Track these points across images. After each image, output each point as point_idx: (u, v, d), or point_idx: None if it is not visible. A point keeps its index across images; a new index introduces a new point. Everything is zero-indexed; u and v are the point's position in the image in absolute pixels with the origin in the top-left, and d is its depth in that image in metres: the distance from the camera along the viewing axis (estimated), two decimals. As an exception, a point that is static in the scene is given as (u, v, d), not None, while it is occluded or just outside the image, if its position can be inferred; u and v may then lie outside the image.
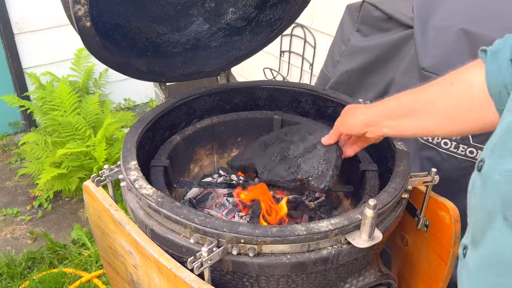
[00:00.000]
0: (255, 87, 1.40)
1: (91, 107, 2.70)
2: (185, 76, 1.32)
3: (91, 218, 1.16)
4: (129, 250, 0.98)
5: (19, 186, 2.73)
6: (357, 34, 1.58)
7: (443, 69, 1.21)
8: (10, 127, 3.15)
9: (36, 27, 2.90)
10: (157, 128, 1.24)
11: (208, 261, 0.80)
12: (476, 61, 0.75)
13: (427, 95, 0.84)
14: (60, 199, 2.62)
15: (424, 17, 1.29)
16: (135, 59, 1.20)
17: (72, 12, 0.91)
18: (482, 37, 1.16)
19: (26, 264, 2.15)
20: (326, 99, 1.34)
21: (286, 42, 2.72)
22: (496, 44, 0.73)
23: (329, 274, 0.95)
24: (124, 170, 0.99)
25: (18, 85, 2.98)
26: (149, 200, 0.89)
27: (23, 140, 2.58)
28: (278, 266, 0.84)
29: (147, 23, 1.28)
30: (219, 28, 1.39)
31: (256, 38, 1.38)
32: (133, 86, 3.29)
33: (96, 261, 2.15)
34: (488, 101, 0.71)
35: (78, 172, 2.53)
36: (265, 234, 0.82)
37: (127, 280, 1.10)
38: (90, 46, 1.01)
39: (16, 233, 2.38)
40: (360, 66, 1.55)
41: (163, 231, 0.89)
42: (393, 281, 1.13)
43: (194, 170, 1.41)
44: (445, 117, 0.80)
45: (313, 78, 2.59)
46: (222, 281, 0.93)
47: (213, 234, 0.82)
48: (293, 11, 1.32)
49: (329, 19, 2.33)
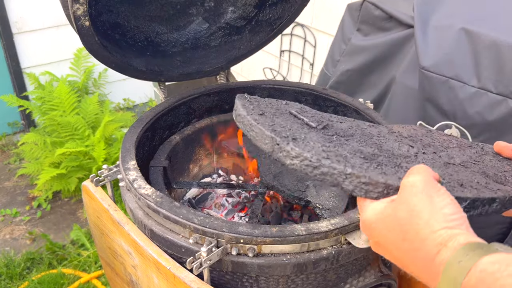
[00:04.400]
0: (255, 86, 1.40)
1: (90, 107, 2.70)
2: (185, 76, 1.31)
3: (90, 218, 1.16)
4: (128, 250, 0.97)
5: (18, 187, 2.72)
6: (358, 33, 1.57)
7: (444, 68, 1.22)
8: (9, 127, 3.15)
9: (35, 26, 2.90)
10: (156, 128, 1.23)
11: (207, 261, 0.80)
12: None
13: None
14: (59, 200, 2.62)
15: (424, 16, 1.29)
16: (134, 59, 1.20)
17: (71, 12, 0.91)
18: (483, 36, 1.16)
19: (25, 265, 2.15)
20: (327, 99, 1.34)
21: (286, 41, 2.72)
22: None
23: (329, 274, 0.94)
24: (123, 170, 0.98)
25: (17, 85, 2.98)
26: (148, 200, 0.89)
27: (22, 140, 2.57)
28: (277, 267, 0.84)
29: (146, 22, 1.28)
30: (219, 27, 1.38)
31: (256, 38, 1.37)
32: (133, 86, 3.29)
33: (95, 261, 2.15)
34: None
35: (77, 172, 2.52)
36: (264, 234, 0.81)
37: (126, 281, 1.10)
38: (89, 46, 1.00)
39: (15, 234, 2.38)
40: (360, 65, 1.55)
41: (162, 231, 0.89)
42: (393, 282, 1.13)
43: (194, 170, 1.40)
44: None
45: (313, 77, 2.59)
46: (221, 281, 0.92)
47: (212, 234, 0.82)
48: (293, 10, 1.32)
49: (330, 18, 2.32)
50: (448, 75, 1.20)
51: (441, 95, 1.22)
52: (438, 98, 1.23)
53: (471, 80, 1.17)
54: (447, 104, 1.22)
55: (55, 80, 2.97)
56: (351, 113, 1.27)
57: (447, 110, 1.23)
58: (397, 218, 0.54)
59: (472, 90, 1.17)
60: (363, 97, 1.50)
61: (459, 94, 1.19)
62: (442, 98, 1.23)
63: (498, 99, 1.14)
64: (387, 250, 0.58)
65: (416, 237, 0.51)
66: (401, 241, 0.53)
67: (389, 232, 0.55)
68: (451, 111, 1.22)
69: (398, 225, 0.54)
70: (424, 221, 0.51)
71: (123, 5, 1.21)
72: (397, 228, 0.54)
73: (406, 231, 0.52)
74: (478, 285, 0.45)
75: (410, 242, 0.52)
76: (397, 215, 0.54)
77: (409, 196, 0.54)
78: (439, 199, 0.52)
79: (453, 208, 0.52)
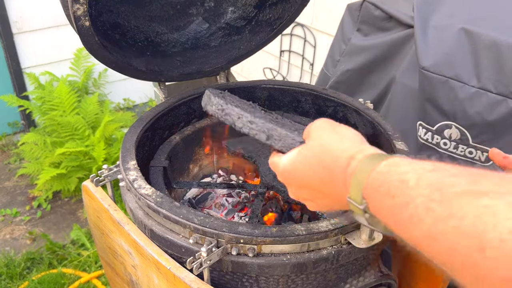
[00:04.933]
0: (255, 86, 1.40)
1: (90, 107, 2.70)
2: (185, 76, 1.31)
3: (90, 218, 1.16)
4: (128, 250, 0.97)
5: (18, 187, 2.72)
6: (358, 33, 1.57)
7: (444, 68, 1.22)
8: (9, 127, 3.15)
9: (35, 26, 2.90)
10: (156, 128, 1.23)
11: (207, 261, 0.80)
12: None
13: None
14: (59, 200, 2.62)
15: (424, 16, 1.29)
16: (134, 59, 1.20)
17: (71, 12, 0.91)
18: (483, 36, 1.16)
19: (25, 265, 2.15)
20: (326, 99, 1.34)
21: (286, 41, 2.72)
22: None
23: (329, 274, 0.94)
24: (123, 170, 0.98)
25: (17, 85, 2.98)
26: (148, 200, 0.89)
27: (22, 140, 2.57)
28: (277, 266, 0.84)
29: (146, 22, 1.28)
30: (219, 27, 1.38)
31: (256, 38, 1.38)
32: (133, 86, 3.29)
33: (95, 261, 2.15)
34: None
35: (77, 172, 2.53)
36: (264, 234, 0.81)
37: (126, 281, 1.10)
38: (89, 46, 1.00)
39: (15, 234, 2.38)
40: (360, 65, 1.55)
41: (162, 231, 0.89)
42: (393, 282, 1.13)
43: (194, 170, 1.40)
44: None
45: (313, 77, 2.59)
46: (221, 281, 0.92)
47: (212, 234, 0.82)
48: (293, 10, 1.32)
49: (330, 18, 2.32)
50: (448, 75, 1.20)
51: (441, 95, 1.22)
52: (438, 98, 1.23)
53: (471, 80, 1.17)
54: (447, 104, 1.22)
55: (55, 80, 2.97)
56: (351, 113, 1.27)
57: (447, 110, 1.23)
58: (313, 153, 0.62)
59: (472, 90, 1.17)
60: (363, 97, 1.50)
61: (459, 94, 1.19)
62: (442, 98, 1.23)
63: (498, 99, 1.14)
64: (310, 187, 0.64)
65: (331, 159, 0.59)
66: (322, 169, 0.60)
67: (310, 168, 0.62)
68: (451, 111, 1.22)
69: (315, 158, 0.61)
70: (335, 145, 0.60)
71: (123, 5, 1.21)
72: (315, 161, 0.61)
73: (323, 159, 0.60)
74: (374, 184, 0.51)
75: (327, 168, 0.59)
76: (312, 151, 0.62)
77: (318, 133, 0.63)
78: (344, 130, 0.63)
79: (357, 134, 0.62)
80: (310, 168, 0.62)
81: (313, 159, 0.61)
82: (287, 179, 0.68)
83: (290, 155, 0.66)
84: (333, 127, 0.64)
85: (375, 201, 0.51)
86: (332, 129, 0.63)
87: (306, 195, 0.67)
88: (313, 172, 0.61)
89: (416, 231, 0.44)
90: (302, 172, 0.63)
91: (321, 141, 0.62)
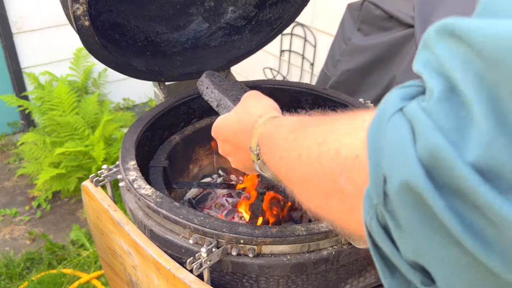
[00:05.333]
0: (255, 86, 1.39)
1: (90, 106, 2.70)
2: (185, 76, 1.31)
3: (89, 219, 1.15)
4: (128, 250, 0.97)
5: (18, 187, 2.72)
6: (358, 33, 1.57)
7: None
8: (9, 127, 3.15)
9: (35, 26, 2.90)
10: (156, 128, 1.23)
11: (207, 262, 0.79)
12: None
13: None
14: (59, 200, 2.61)
15: (424, 16, 1.29)
16: (134, 59, 1.19)
17: (71, 11, 0.91)
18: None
19: (25, 265, 2.15)
20: (327, 99, 1.33)
21: (286, 41, 2.72)
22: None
23: (329, 274, 0.94)
24: (123, 170, 0.98)
25: (16, 85, 2.97)
26: (148, 200, 0.89)
27: (21, 140, 2.57)
28: (278, 267, 0.84)
29: (146, 22, 1.28)
30: (219, 27, 1.38)
31: (256, 37, 1.37)
32: (132, 85, 3.29)
33: (95, 261, 2.14)
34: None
35: (77, 172, 2.52)
36: (264, 235, 0.81)
37: (126, 281, 1.10)
38: (89, 46, 1.00)
39: (15, 234, 2.38)
40: (360, 65, 1.55)
41: (162, 231, 0.89)
42: (393, 282, 1.12)
43: (194, 170, 1.40)
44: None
45: (313, 77, 2.58)
46: (221, 281, 0.92)
47: (212, 234, 0.82)
48: (293, 10, 1.32)
49: (330, 18, 2.32)
50: (448, 75, 1.20)
51: (442, 95, 1.22)
52: (439, 98, 1.23)
53: (471, 80, 1.17)
54: (448, 104, 1.22)
55: (54, 80, 2.96)
56: (351, 113, 1.27)
57: (448, 110, 1.23)
58: (235, 113, 0.75)
59: (473, 90, 1.17)
60: (363, 97, 1.49)
61: (460, 94, 1.19)
62: (442, 98, 1.22)
63: (498, 99, 1.14)
64: (230, 142, 0.76)
65: (246, 117, 0.71)
66: (237, 124, 0.73)
67: (230, 123, 0.75)
68: (451, 111, 1.22)
69: (235, 116, 0.74)
70: (252, 108, 0.71)
71: (123, 5, 1.21)
72: (235, 118, 0.74)
73: (240, 116, 0.73)
74: (266, 133, 0.61)
75: (241, 123, 0.71)
76: (235, 111, 0.75)
77: (245, 99, 0.76)
78: (265, 100, 0.75)
79: (275, 105, 0.74)
80: (230, 123, 0.75)
81: (234, 117, 0.74)
82: (215, 133, 0.80)
83: (224, 116, 0.79)
84: (258, 96, 0.76)
85: (264, 147, 0.61)
86: (256, 97, 0.76)
87: (228, 149, 0.78)
88: (232, 127, 0.74)
89: (282, 166, 0.52)
90: (224, 127, 0.77)
91: (244, 104, 0.74)
